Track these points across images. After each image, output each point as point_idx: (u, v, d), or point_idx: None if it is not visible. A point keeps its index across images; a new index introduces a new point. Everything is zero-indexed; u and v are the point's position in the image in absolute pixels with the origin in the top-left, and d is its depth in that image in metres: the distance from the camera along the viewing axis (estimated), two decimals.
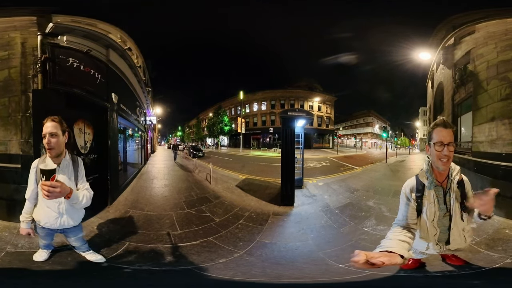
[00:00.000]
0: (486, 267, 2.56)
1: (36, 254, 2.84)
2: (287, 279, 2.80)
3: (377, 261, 1.29)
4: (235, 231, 4.25)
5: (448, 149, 1.72)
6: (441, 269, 2.43)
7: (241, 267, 3.06)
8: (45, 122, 2.30)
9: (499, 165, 4.41)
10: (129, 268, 2.90)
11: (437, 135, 1.76)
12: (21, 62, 4.16)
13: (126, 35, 7.62)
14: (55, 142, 2.28)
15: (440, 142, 1.73)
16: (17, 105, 4.12)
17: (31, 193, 2.44)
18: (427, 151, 1.86)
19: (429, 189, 1.85)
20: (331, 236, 4.15)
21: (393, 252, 1.46)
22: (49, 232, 2.61)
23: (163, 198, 6.19)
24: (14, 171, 4.03)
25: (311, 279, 2.80)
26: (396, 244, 1.58)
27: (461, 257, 2.48)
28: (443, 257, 2.47)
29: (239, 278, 2.79)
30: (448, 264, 2.48)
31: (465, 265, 2.49)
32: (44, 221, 2.46)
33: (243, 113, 30.45)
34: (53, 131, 2.27)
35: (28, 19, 4.21)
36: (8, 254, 3.01)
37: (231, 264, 3.13)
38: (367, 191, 6.73)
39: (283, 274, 2.91)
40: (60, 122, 2.33)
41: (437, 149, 1.73)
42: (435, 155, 1.76)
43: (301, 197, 6.34)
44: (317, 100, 32.48)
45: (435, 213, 1.86)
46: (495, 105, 4.70)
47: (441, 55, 7.51)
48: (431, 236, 1.91)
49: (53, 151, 2.31)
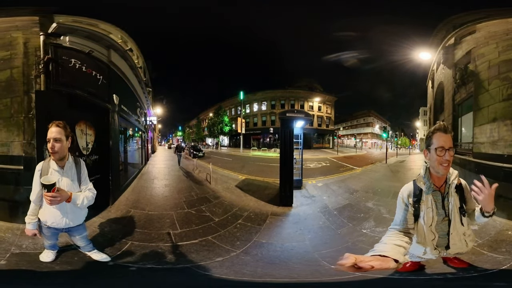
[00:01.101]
0: (490, 269, 2.54)
1: (43, 254, 2.87)
2: (278, 278, 2.83)
3: (366, 265, 1.27)
4: (234, 231, 4.28)
5: (449, 154, 1.74)
6: (440, 271, 2.41)
7: (236, 266, 3.10)
8: (50, 127, 2.40)
9: (500, 167, 4.37)
10: (134, 266, 2.96)
11: (438, 140, 1.76)
12: (24, 62, 4.12)
13: (127, 35, 7.62)
14: (59, 147, 2.38)
15: (441, 147, 1.74)
16: (20, 106, 4.08)
17: (36, 195, 2.51)
18: (425, 156, 1.86)
19: (427, 194, 1.85)
20: (328, 237, 4.15)
21: (386, 256, 1.45)
22: (54, 232, 2.68)
23: (164, 198, 6.22)
24: (17, 172, 4.00)
25: (303, 279, 2.81)
26: (390, 249, 1.58)
27: (463, 259, 2.47)
28: (445, 260, 2.46)
29: (234, 277, 2.82)
30: (450, 267, 2.45)
31: (468, 267, 2.47)
32: (51, 221, 2.54)
33: (243, 113, 30.47)
34: (57, 136, 2.37)
35: (30, 19, 4.19)
36: (14, 255, 3.02)
37: (227, 262, 3.17)
38: (366, 192, 6.71)
39: (274, 274, 2.93)
40: (64, 128, 2.43)
41: (439, 154, 1.73)
42: (436, 160, 1.75)
43: (300, 197, 6.33)
44: (317, 100, 32.50)
45: (433, 218, 1.86)
46: (497, 106, 4.67)
47: (441, 55, 7.49)
48: (428, 241, 1.90)
49: (56, 155, 2.41)
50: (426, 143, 1.84)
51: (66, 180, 2.48)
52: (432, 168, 1.83)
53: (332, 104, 34.90)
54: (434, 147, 1.76)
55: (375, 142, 45.37)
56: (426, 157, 1.86)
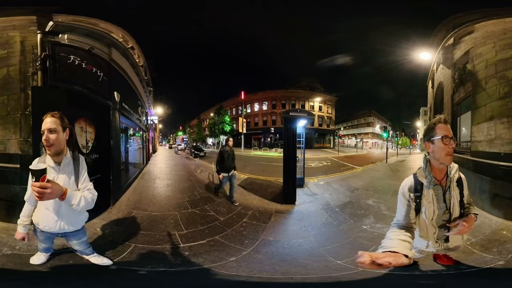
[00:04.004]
0: (478, 267, 2.56)
1: (34, 257, 2.69)
2: (293, 275, 2.82)
3: (384, 261, 1.31)
4: (240, 229, 4.30)
5: (452, 143, 1.76)
6: (432, 268, 2.43)
7: (252, 264, 3.08)
8: (44, 118, 2.15)
9: (497, 165, 4.40)
10: (142, 270, 2.84)
11: (441, 130, 1.78)
12: (20, 60, 4.07)
13: (128, 34, 7.64)
14: (54, 139, 2.11)
15: (446, 136, 1.75)
16: (16, 103, 4.02)
17: (30, 195, 2.22)
18: (428, 148, 1.85)
19: (428, 188, 1.84)
20: (331, 233, 4.23)
21: (397, 252, 1.47)
22: (48, 236, 2.43)
23: (166, 198, 6.18)
24: (13, 171, 3.92)
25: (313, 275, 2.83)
26: (398, 244, 1.59)
27: (453, 257, 2.49)
28: (434, 257, 2.48)
29: (252, 275, 2.79)
30: (439, 264, 2.47)
31: (456, 265, 2.47)
32: (43, 224, 2.30)
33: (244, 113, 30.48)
34: (52, 127, 2.11)
35: (27, 18, 4.14)
36: (4, 256, 2.91)
37: (242, 262, 3.15)
38: (367, 190, 6.77)
39: (291, 271, 2.93)
40: (61, 118, 2.18)
41: (445, 142, 1.74)
42: (442, 149, 1.75)
43: (302, 195, 6.39)
44: (318, 100, 32.50)
45: (434, 211, 1.86)
46: (494, 104, 4.71)
47: (441, 55, 7.53)
48: (430, 234, 1.92)
49: (52, 148, 2.13)
50: (428, 136, 1.84)
51: (62, 178, 2.20)
52: (436, 159, 1.82)
53: (333, 104, 34.88)
54: (439, 137, 1.77)
55: (376, 142, 45.31)
56: (428, 150, 1.85)
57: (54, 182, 1.94)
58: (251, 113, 33.57)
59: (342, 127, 45.92)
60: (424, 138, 1.91)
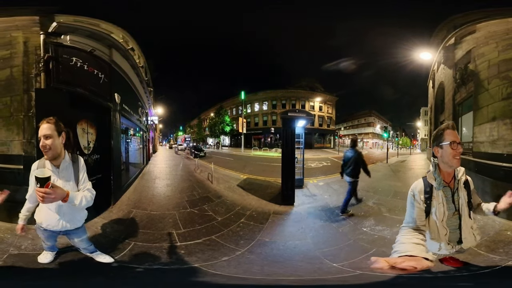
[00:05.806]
0: (486, 268, 2.56)
1: (41, 256, 2.79)
2: (284, 277, 2.83)
3: (406, 266, 1.30)
4: (237, 230, 4.30)
5: (459, 148, 1.84)
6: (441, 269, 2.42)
7: (242, 265, 3.11)
8: (40, 125, 2.22)
9: (500, 166, 4.38)
10: (140, 267, 2.93)
11: (450, 135, 1.86)
12: (24, 61, 4.08)
13: (129, 35, 7.65)
14: (50, 144, 2.18)
15: (455, 141, 1.84)
16: (20, 105, 4.04)
17: (31, 194, 2.39)
18: (437, 153, 1.93)
19: (438, 189, 1.90)
20: (329, 235, 4.19)
21: (414, 256, 1.46)
22: (51, 234, 2.54)
23: (166, 197, 6.23)
24: (16, 172, 3.95)
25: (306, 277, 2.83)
26: (412, 248, 1.59)
27: (460, 259, 2.48)
28: (441, 259, 2.48)
29: (241, 275, 2.83)
30: (448, 266, 2.47)
31: (463, 267, 2.48)
32: (46, 223, 2.40)
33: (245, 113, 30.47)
34: (46, 133, 2.17)
35: (30, 18, 4.16)
36: (12, 256, 2.99)
37: (233, 262, 3.18)
38: (367, 191, 6.72)
39: (279, 272, 2.94)
40: (56, 123, 2.24)
41: (453, 147, 1.83)
42: (451, 153, 1.84)
43: (301, 196, 6.37)
44: (318, 100, 32.49)
45: (444, 213, 1.90)
46: (496, 105, 4.69)
47: (442, 55, 7.51)
48: (442, 236, 1.93)
49: (49, 152, 2.20)
50: (436, 142, 1.92)
51: (62, 180, 2.28)
52: (444, 163, 1.90)
53: (333, 104, 34.88)
54: (447, 142, 1.85)
55: (376, 142, 45.33)
56: (437, 154, 1.93)
57: (57, 187, 2.00)
58: (251, 113, 33.57)
59: (342, 127, 45.94)
60: (432, 144, 1.99)
